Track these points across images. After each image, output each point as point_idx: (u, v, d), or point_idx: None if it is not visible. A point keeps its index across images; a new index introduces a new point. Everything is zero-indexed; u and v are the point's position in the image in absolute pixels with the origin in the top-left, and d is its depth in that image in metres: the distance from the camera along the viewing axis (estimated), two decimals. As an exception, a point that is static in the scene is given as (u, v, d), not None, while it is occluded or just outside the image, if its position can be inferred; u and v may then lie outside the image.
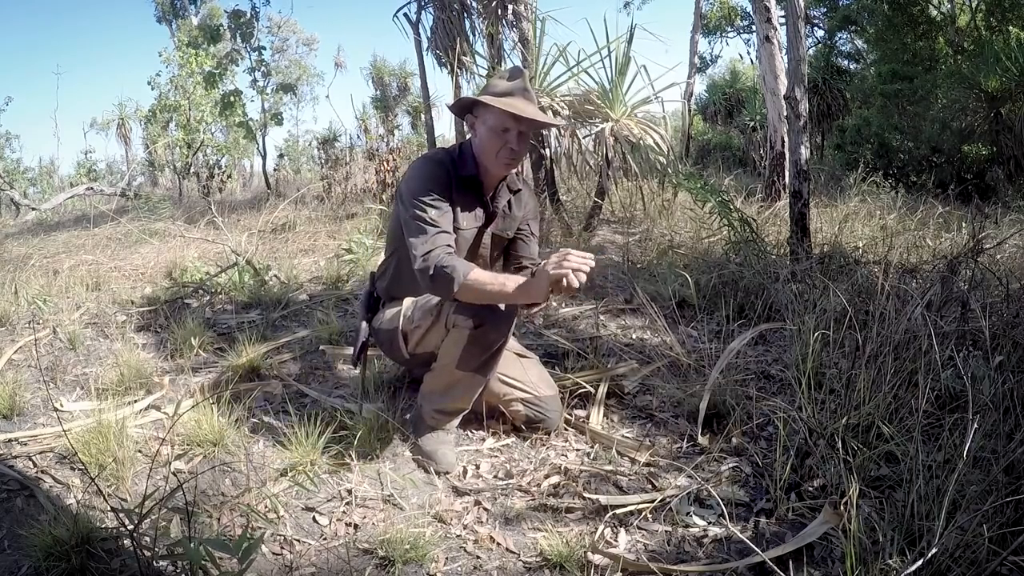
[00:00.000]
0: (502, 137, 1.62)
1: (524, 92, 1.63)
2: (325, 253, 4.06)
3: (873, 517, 1.31)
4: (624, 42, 4.30)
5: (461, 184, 1.69)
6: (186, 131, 8.43)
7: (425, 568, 1.29)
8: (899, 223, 3.89)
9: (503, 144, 1.62)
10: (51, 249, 4.58)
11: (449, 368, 1.61)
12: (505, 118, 1.60)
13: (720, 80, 16.77)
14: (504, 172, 1.71)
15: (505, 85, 1.64)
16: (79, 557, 1.21)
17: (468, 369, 1.59)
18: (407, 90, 16.83)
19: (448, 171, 1.67)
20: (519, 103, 1.60)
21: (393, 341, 1.74)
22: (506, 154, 1.63)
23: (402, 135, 14.33)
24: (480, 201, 1.73)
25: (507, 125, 1.61)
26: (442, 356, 1.63)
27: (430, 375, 1.69)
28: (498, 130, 1.61)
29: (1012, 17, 8.73)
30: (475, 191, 1.71)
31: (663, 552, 1.33)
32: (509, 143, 1.62)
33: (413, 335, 1.69)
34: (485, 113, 1.63)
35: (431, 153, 1.75)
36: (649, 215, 4.47)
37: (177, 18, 16.60)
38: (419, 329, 1.67)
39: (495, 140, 1.62)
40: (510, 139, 1.62)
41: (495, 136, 1.62)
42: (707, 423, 1.76)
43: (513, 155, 1.65)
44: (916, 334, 1.73)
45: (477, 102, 1.65)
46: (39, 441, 1.70)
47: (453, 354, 1.58)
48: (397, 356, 1.79)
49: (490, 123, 1.62)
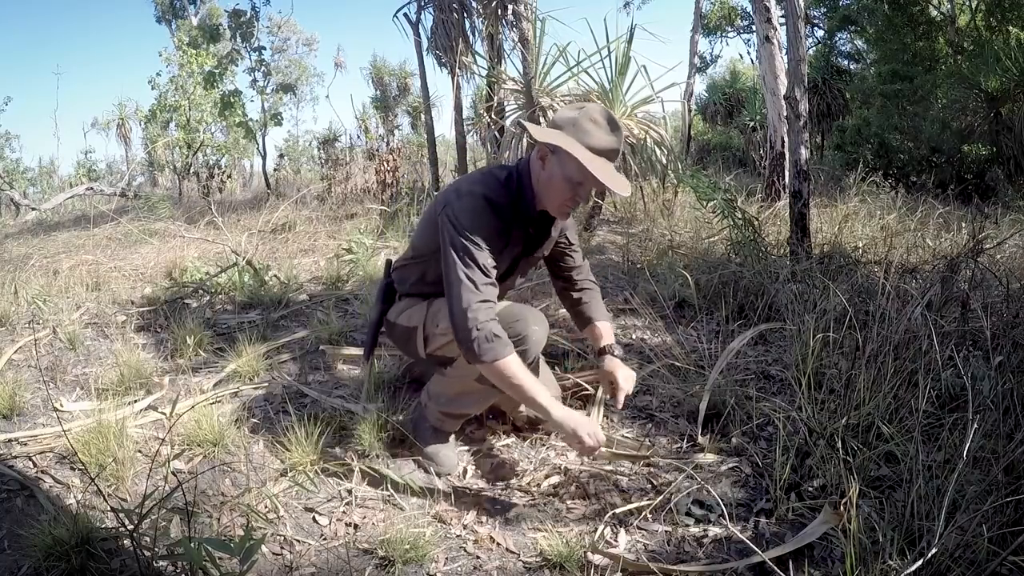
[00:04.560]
0: (575, 190, 1.48)
1: (616, 153, 1.48)
2: (325, 253, 4.06)
3: (873, 517, 1.31)
4: (624, 42, 4.30)
5: (518, 223, 1.57)
6: (186, 131, 8.42)
7: (425, 568, 1.29)
8: (899, 223, 3.89)
9: (572, 196, 1.49)
10: (51, 249, 4.58)
11: (466, 379, 1.55)
12: (588, 178, 1.43)
13: (720, 80, 16.79)
14: (561, 219, 1.61)
15: (604, 141, 1.45)
16: (79, 557, 1.21)
17: (487, 383, 1.51)
18: (407, 90, 16.83)
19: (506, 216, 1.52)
20: (609, 169, 1.46)
21: (410, 339, 1.65)
22: (570, 205, 1.52)
23: (402, 135, 14.35)
24: (526, 235, 1.61)
25: (585, 182, 1.46)
26: (461, 366, 1.55)
27: (442, 379, 1.63)
28: (574, 183, 1.46)
29: (1012, 17, 8.73)
30: (527, 226, 1.60)
31: (663, 552, 1.33)
32: (578, 196, 1.50)
33: (435, 339, 1.59)
34: (568, 159, 1.44)
35: (493, 191, 1.53)
36: (649, 215, 4.47)
37: (177, 18, 16.63)
38: (443, 336, 1.55)
39: (566, 190, 1.48)
40: (580, 193, 1.49)
41: (568, 186, 1.47)
42: (707, 423, 1.76)
43: (575, 207, 1.55)
44: (916, 334, 1.73)
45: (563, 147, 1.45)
46: (39, 441, 1.70)
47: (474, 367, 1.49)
48: (412, 353, 1.70)
49: (570, 173, 1.45)
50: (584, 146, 1.43)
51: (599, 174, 1.41)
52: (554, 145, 1.46)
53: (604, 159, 1.45)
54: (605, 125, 1.46)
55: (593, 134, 1.44)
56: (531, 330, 1.52)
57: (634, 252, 3.59)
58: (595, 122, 1.46)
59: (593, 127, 1.45)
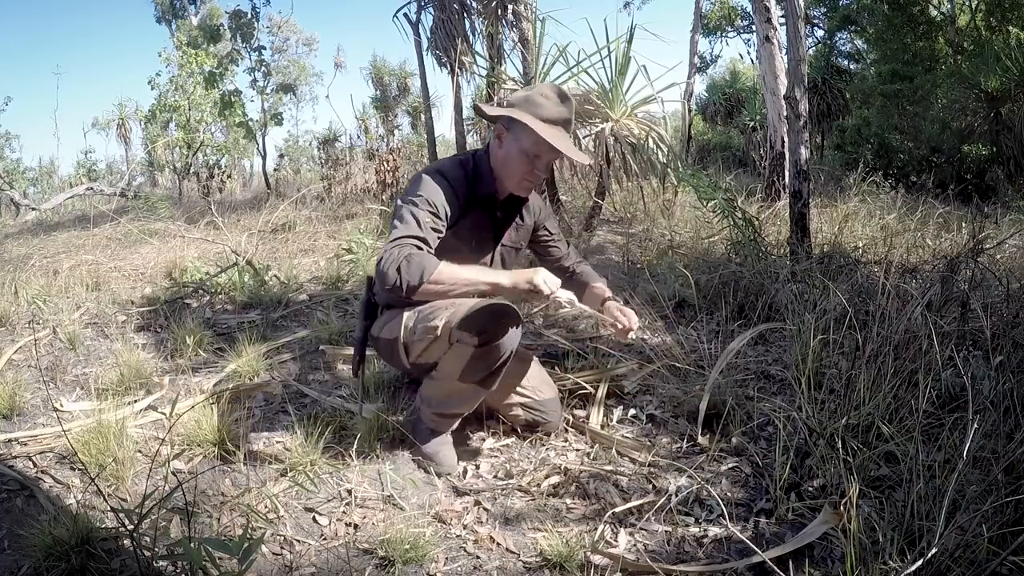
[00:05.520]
0: (532, 163, 1.54)
1: (567, 123, 1.55)
2: (325, 253, 4.06)
3: (873, 517, 1.31)
4: (624, 42, 4.30)
5: (478, 203, 1.61)
6: (186, 131, 8.42)
7: (425, 568, 1.29)
8: (899, 223, 3.89)
9: (530, 169, 1.55)
10: (51, 249, 4.58)
11: (451, 379, 1.56)
12: (543, 147, 1.51)
13: (720, 80, 16.80)
14: (521, 195, 1.65)
15: (554, 111, 1.52)
16: (79, 557, 1.21)
17: (471, 381, 1.55)
18: (407, 90, 16.83)
19: (462, 191, 1.56)
20: (563, 137, 1.52)
21: (393, 351, 1.67)
22: (530, 179, 1.57)
23: (402, 135, 14.37)
24: (493, 218, 1.67)
25: (541, 153, 1.53)
26: (444, 368, 1.57)
27: (431, 382, 1.65)
28: (531, 155, 1.53)
29: (1012, 17, 8.73)
30: (491, 209, 1.65)
31: (663, 552, 1.33)
32: (536, 169, 1.55)
33: (414, 347, 1.61)
34: (522, 132, 1.52)
35: (447, 167, 1.59)
36: (649, 215, 4.47)
37: (177, 18, 16.62)
38: (420, 343, 1.58)
39: (524, 163, 1.54)
40: (539, 166, 1.55)
41: (525, 159, 1.54)
42: (707, 423, 1.75)
43: (536, 180, 1.59)
44: (916, 334, 1.73)
45: (516, 120, 1.53)
46: (39, 441, 1.70)
47: (456, 367, 1.53)
48: (397, 365, 1.73)
49: (525, 145, 1.52)
50: (536, 118, 1.49)
51: (554, 141, 1.48)
52: (508, 118, 1.53)
53: (558, 128, 1.51)
54: (555, 98, 1.54)
55: (544, 106, 1.52)
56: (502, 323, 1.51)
57: (634, 252, 3.59)
58: (546, 96, 1.54)
59: (544, 100, 1.53)
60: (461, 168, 1.60)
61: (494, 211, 1.65)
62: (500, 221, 1.68)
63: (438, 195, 1.50)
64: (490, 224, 1.65)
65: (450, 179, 1.55)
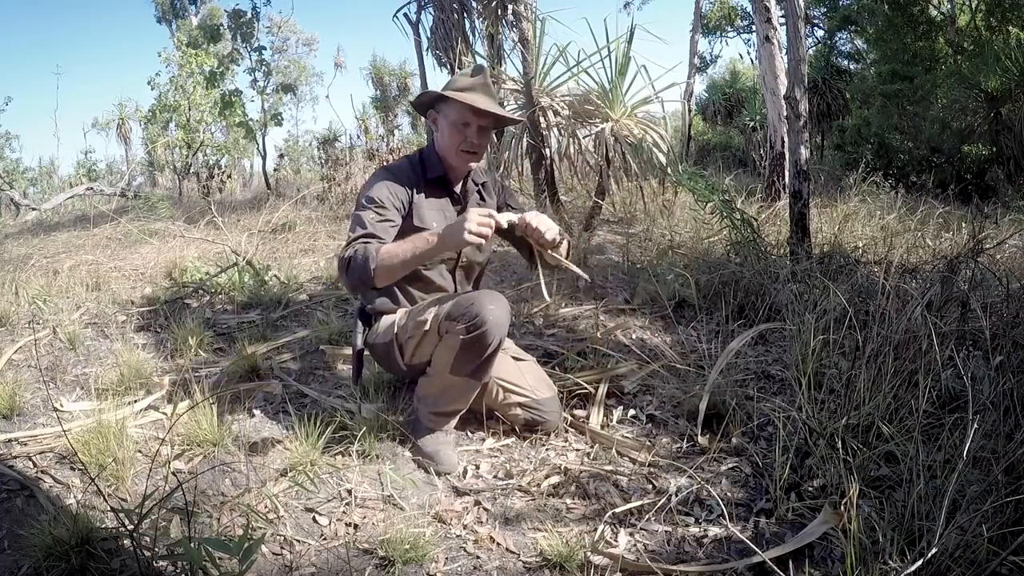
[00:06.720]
0: (463, 131, 1.67)
1: (484, 87, 1.68)
2: (325, 253, 4.06)
3: (873, 517, 1.31)
4: (624, 42, 4.30)
5: (430, 188, 1.73)
6: (186, 131, 8.41)
7: (425, 568, 1.29)
8: (899, 223, 3.89)
9: (464, 138, 1.67)
10: (51, 249, 4.58)
11: (443, 374, 1.61)
12: (465, 112, 1.65)
13: (720, 80, 16.79)
14: (465, 167, 1.75)
15: (466, 81, 1.69)
16: (79, 557, 1.21)
17: (462, 374, 1.59)
18: (407, 90, 16.84)
19: (410, 179, 1.70)
20: (479, 98, 1.64)
21: (389, 354, 1.74)
22: (467, 148, 1.68)
23: (402, 135, 14.36)
24: (452, 199, 1.77)
25: (467, 119, 1.66)
26: (435, 362, 1.63)
27: (425, 379, 1.69)
28: (459, 124, 1.66)
29: (1012, 17, 8.72)
30: (445, 191, 1.76)
31: (663, 552, 1.33)
32: (469, 137, 1.67)
33: (408, 346, 1.69)
34: (446, 108, 1.68)
35: (392, 164, 1.79)
36: (649, 215, 4.47)
37: (177, 18, 16.63)
38: (412, 340, 1.67)
39: (456, 134, 1.67)
40: (470, 134, 1.67)
41: (456, 130, 1.67)
42: (707, 423, 1.75)
43: (474, 148, 1.69)
44: (916, 334, 1.73)
45: (439, 99, 1.69)
46: (39, 441, 1.70)
47: (447, 360, 1.58)
48: (395, 368, 1.80)
49: (451, 117, 1.67)
50: (453, 90, 1.66)
51: (466, 100, 1.62)
52: (433, 100, 1.71)
53: (475, 93, 1.65)
54: (468, 72, 1.72)
55: (458, 80, 1.70)
56: (487, 310, 1.52)
57: (634, 252, 3.59)
58: (461, 73, 1.74)
59: (459, 75, 1.72)
60: (407, 160, 1.77)
61: (451, 192, 1.77)
62: (461, 201, 1.78)
63: (380, 190, 1.65)
64: (451, 205, 1.77)
65: (393, 171, 1.72)
